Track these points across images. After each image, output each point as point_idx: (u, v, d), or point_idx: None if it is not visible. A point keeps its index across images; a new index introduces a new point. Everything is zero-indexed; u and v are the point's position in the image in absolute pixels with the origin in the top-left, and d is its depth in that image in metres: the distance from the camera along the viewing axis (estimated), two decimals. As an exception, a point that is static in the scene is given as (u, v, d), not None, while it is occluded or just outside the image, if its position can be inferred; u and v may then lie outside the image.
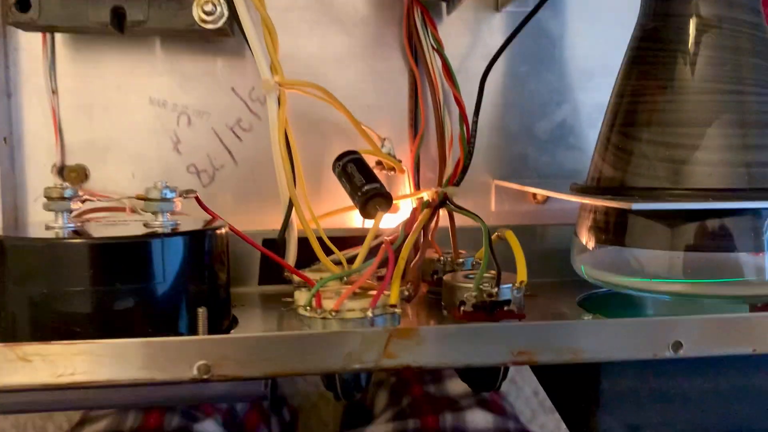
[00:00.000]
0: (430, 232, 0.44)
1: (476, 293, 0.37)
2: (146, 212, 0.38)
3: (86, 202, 0.40)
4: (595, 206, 0.41)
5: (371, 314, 0.36)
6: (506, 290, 0.37)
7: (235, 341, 0.32)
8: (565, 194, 0.41)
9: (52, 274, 0.33)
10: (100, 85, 0.49)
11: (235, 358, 0.31)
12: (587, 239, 0.42)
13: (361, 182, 0.41)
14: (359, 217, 0.42)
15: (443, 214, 0.45)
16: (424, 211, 0.43)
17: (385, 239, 0.41)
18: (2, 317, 0.34)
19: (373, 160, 0.50)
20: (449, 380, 0.68)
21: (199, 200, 0.40)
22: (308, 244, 0.41)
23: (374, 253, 0.39)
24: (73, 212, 0.38)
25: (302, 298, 0.37)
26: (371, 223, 0.41)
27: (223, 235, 0.39)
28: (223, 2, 0.43)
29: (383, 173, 0.51)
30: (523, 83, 0.53)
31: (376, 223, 0.41)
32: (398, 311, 0.37)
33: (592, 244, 0.41)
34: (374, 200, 0.41)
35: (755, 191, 0.37)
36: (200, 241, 0.36)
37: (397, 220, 0.48)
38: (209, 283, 0.37)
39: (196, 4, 0.43)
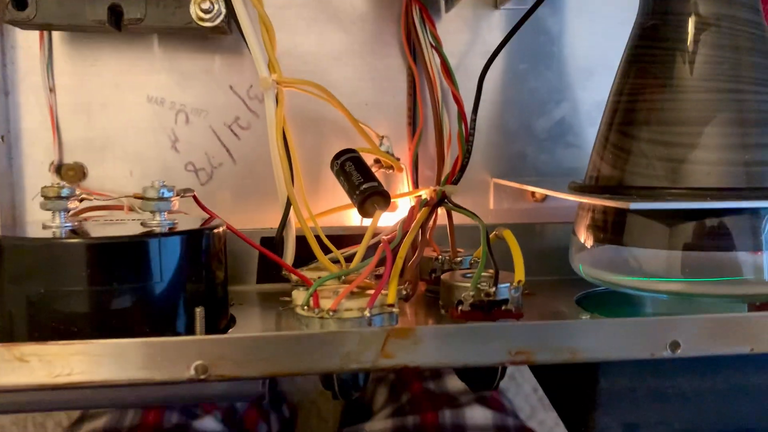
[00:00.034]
0: (428, 230, 0.44)
1: (474, 293, 0.37)
2: (144, 211, 0.38)
3: (84, 201, 0.40)
4: (593, 205, 0.41)
5: (369, 314, 0.35)
6: (504, 290, 0.37)
7: (232, 341, 0.32)
8: (563, 193, 0.41)
9: (49, 273, 0.33)
10: (97, 83, 0.49)
11: (232, 358, 0.31)
12: (585, 238, 0.42)
13: (359, 181, 0.41)
14: (357, 215, 0.42)
15: (441, 212, 0.45)
16: (422, 209, 0.42)
17: (383, 238, 0.41)
18: (-1, 317, 0.34)
19: (371, 158, 0.50)
20: (448, 377, 0.68)
21: (196, 199, 0.40)
22: (306, 242, 0.41)
23: (372, 251, 0.39)
24: (70, 211, 0.38)
25: (300, 297, 0.37)
26: (370, 221, 0.41)
27: (220, 234, 0.39)
28: (220, 0, 0.43)
29: (381, 171, 0.50)
30: (522, 81, 0.53)
31: (374, 221, 0.41)
32: (396, 311, 0.37)
33: (590, 242, 0.41)
34: (372, 199, 0.41)
35: (753, 190, 0.37)
36: (197, 240, 0.36)
37: (395, 218, 0.48)
38: (207, 282, 0.37)
39: (193, 2, 0.43)
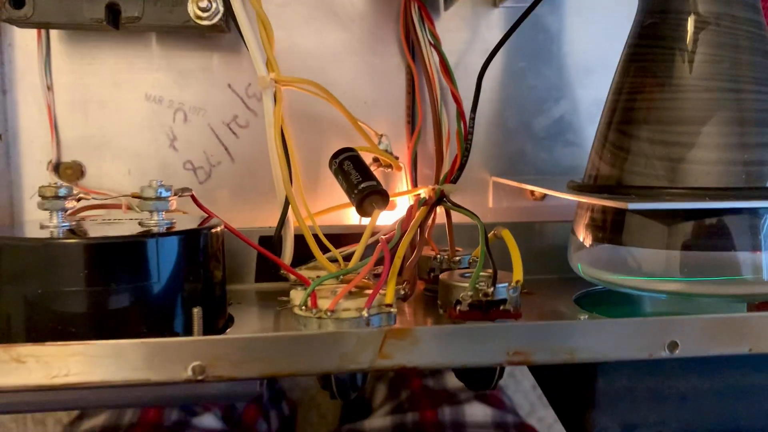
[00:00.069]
0: (426, 229, 0.44)
1: (472, 293, 0.37)
2: (142, 211, 0.37)
3: (81, 200, 0.39)
4: (592, 204, 0.41)
5: (367, 314, 0.35)
6: (502, 289, 0.37)
7: (229, 342, 0.31)
8: (562, 192, 0.41)
9: (46, 274, 0.33)
10: (95, 81, 0.49)
11: (229, 358, 0.31)
12: (584, 237, 0.42)
13: (357, 180, 0.41)
14: (356, 213, 0.42)
15: (440, 211, 0.45)
16: (420, 209, 0.42)
17: (381, 238, 0.41)
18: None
19: (370, 157, 0.49)
20: (448, 374, 0.68)
21: (194, 198, 0.40)
22: (305, 241, 0.41)
23: (371, 250, 0.39)
24: (68, 210, 0.38)
25: (298, 297, 0.37)
26: (368, 220, 0.41)
27: (218, 233, 0.39)
28: (218, -2, 0.43)
29: (380, 170, 0.50)
30: (521, 79, 0.53)
31: (372, 221, 0.41)
32: (394, 311, 0.36)
33: (588, 241, 0.41)
34: (371, 198, 0.41)
35: (752, 190, 0.37)
36: (195, 240, 0.36)
37: (394, 217, 0.48)
38: (204, 282, 0.37)
39: (191, 0, 0.43)
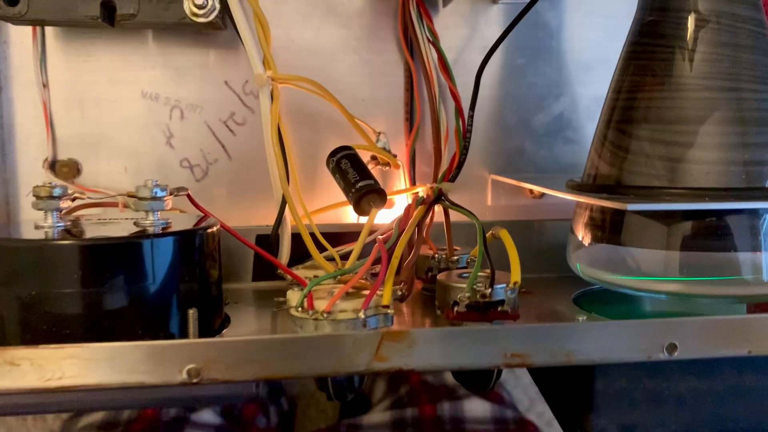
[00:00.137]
0: (424, 228, 0.44)
1: (470, 294, 0.36)
2: (137, 211, 0.37)
3: (76, 200, 0.39)
4: (591, 203, 0.41)
5: (363, 315, 0.35)
6: (500, 290, 0.36)
7: (224, 345, 0.31)
8: (560, 192, 0.41)
9: (40, 275, 0.33)
10: (91, 78, 0.48)
11: (224, 361, 0.31)
12: (583, 236, 0.41)
13: (354, 179, 0.41)
14: (354, 212, 0.42)
15: (438, 209, 0.45)
16: (418, 207, 0.42)
17: (378, 238, 0.40)
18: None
19: (367, 155, 0.49)
20: (447, 370, 0.68)
21: (191, 198, 0.40)
22: (302, 240, 0.40)
23: (369, 249, 0.39)
24: (63, 210, 0.37)
25: (294, 298, 0.37)
26: (366, 219, 0.41)
27: (214, 233, 0.38)
28: (214, -4, 0.43)
29: (378, 168, 0.50)
30: (520, 76, 0.52)
31: (370, 220, 0.40)
32: (391, 312, 0.36)
33: (587, 241, 0.41)
34: (368, 197, 0.40)
35: (752, 190, 0.37)
36: (191, 241, 0.36)
37: (392, 215, 0.48)
38: (200, 282, 0.36)
39: (187, -3, 0.42)
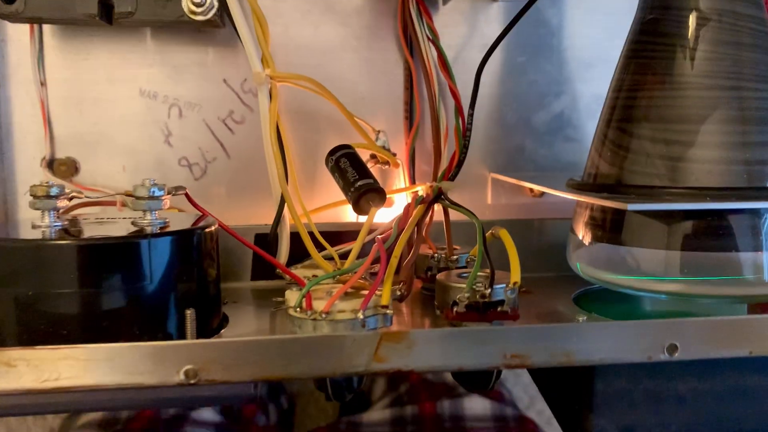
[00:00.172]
0: (424, 228, 0.44)
1: (469, 294, 0.36)
2: (135, 210, 0.37)
3: (74, 199, 0.39)
4: (591, 203, 0.41)
5: (362, 315, 0.35)
6: (499, 290, 0.36)
7: (221, 345, 0.31)
8: (560, 191, 0.40)
9: (37, 275, 0.32)
10: (89, 76, 0.48)
11: (222, 362, 0.31)
12: (583, 236, 0.41)
13: (354, 177, 0.41)
14: (353, 210, 0.41)
15: (438, 208, 0.45)
16: (417, 206, 0.42)
17: (377, 237, 0.40)
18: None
19: (367, 153, 0.49)
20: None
21: (189, 197, 0.39)
22: (301, 239, 0.40)
23: (368, 248, 0.38)
24: (60, 209, 0.37)
25: (293, 297, 0.37)
26: (365, 217, 0.40)
27: (212, 232, 0.38)
28: (213, -7, 0.42)
29: (377, 167, 0.50)
30: (520, 74, 0.52)
31: (369, 219, 0.40)
32: (390, 312, 0.36)
33: (588, 240, 0.41)
34: (367, 196, 0.40)
35: (753, 190, 0.36)
36: (188, 240, 0.36)
37: (391, 214, 0.47)
38: (198, 282, 0.36)
39: (185, -5, 0.42)
